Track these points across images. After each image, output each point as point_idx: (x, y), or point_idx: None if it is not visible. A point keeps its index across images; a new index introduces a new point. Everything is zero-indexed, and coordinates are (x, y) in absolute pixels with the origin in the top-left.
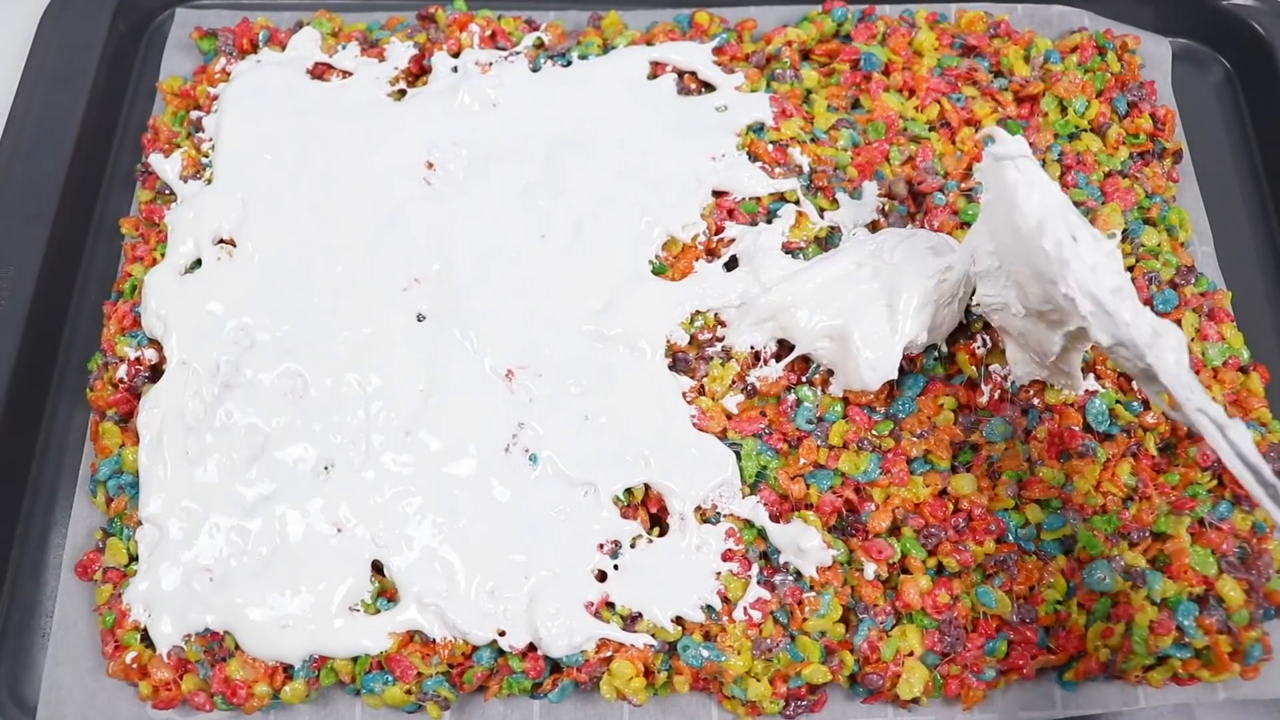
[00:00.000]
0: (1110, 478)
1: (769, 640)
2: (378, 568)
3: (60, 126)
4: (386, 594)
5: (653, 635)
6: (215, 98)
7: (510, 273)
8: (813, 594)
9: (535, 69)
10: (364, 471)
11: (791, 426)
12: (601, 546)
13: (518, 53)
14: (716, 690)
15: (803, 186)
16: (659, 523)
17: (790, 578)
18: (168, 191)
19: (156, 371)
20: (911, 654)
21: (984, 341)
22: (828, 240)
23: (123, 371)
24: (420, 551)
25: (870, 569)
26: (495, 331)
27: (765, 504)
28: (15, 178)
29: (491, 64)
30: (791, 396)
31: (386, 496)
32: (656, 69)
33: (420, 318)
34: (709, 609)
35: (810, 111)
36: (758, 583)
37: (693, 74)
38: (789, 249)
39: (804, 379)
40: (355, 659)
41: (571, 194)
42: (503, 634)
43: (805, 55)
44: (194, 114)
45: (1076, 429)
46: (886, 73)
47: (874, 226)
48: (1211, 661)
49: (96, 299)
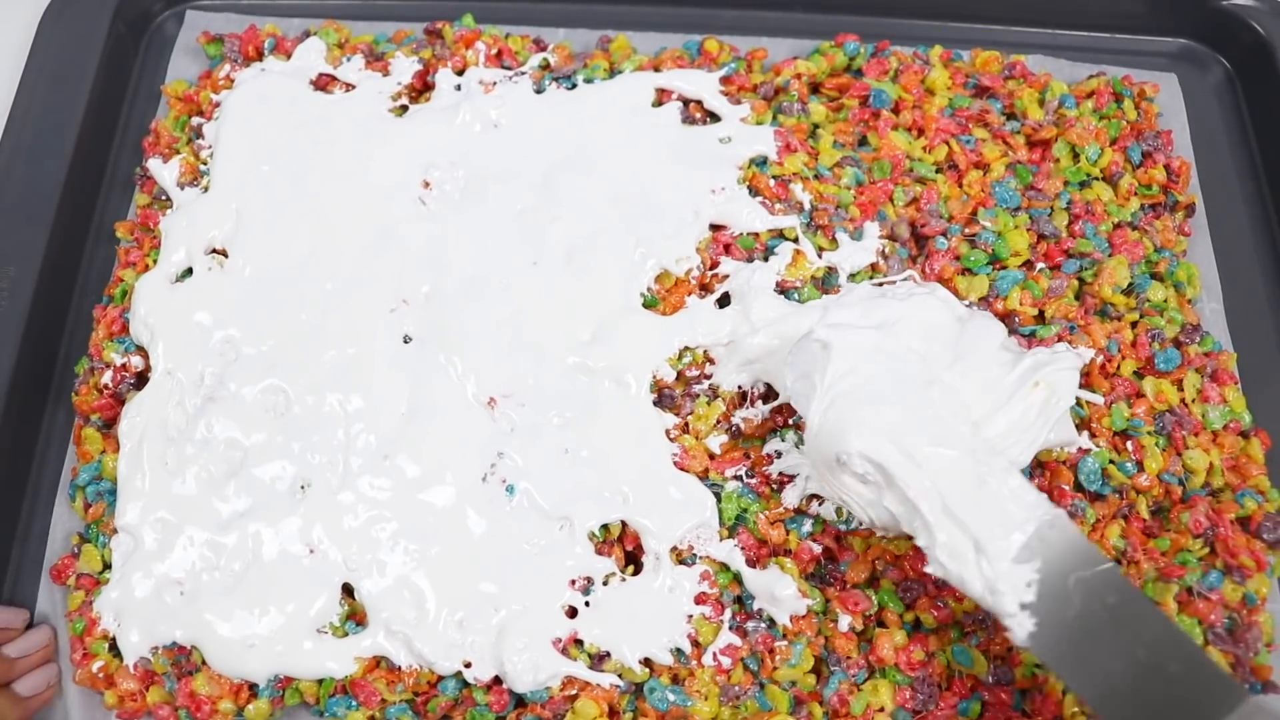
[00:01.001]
0: (1099, 539)
1: (737, 687)
2: (349, 591)
3: (60, 127)
4: (356, 618)
5: (620, 675)
6: (217, 104)
7: (500, 298)
8: (785, 643)
9: (539, 90)
10: (340, 493)
11: (775, 469)
12: (574, 582)
13: (523, 73)
14: None
15: (803, 224)
16: (634, 561)
17: (763, 624)
18: (165, 197)
19: (142, 379)
20: (882, 709)
21: None
22: (825, 281)
23: (108, 377)
24: (391, 578)
25: (845, 621)
26: (480, 358)
27: (743, 548)
28: (15, 178)
29: (495, 83)
30: (772, 444)
31: (361, 520)
32: (662, 96)
33: (407, 339)
34: (678, 652)
35: (815, 147)
36: (730, 628)
37: (698, 103)
38: (784, 288)
39: (791, 421)
40: (320, 681)
41: (566, 220)
42: (468, 665)
43: (815, 89)
44: (195, 120)
45: (1067, 487)
46: (896, 110)
47: (873, 269)
48: None
49: (96, 301)
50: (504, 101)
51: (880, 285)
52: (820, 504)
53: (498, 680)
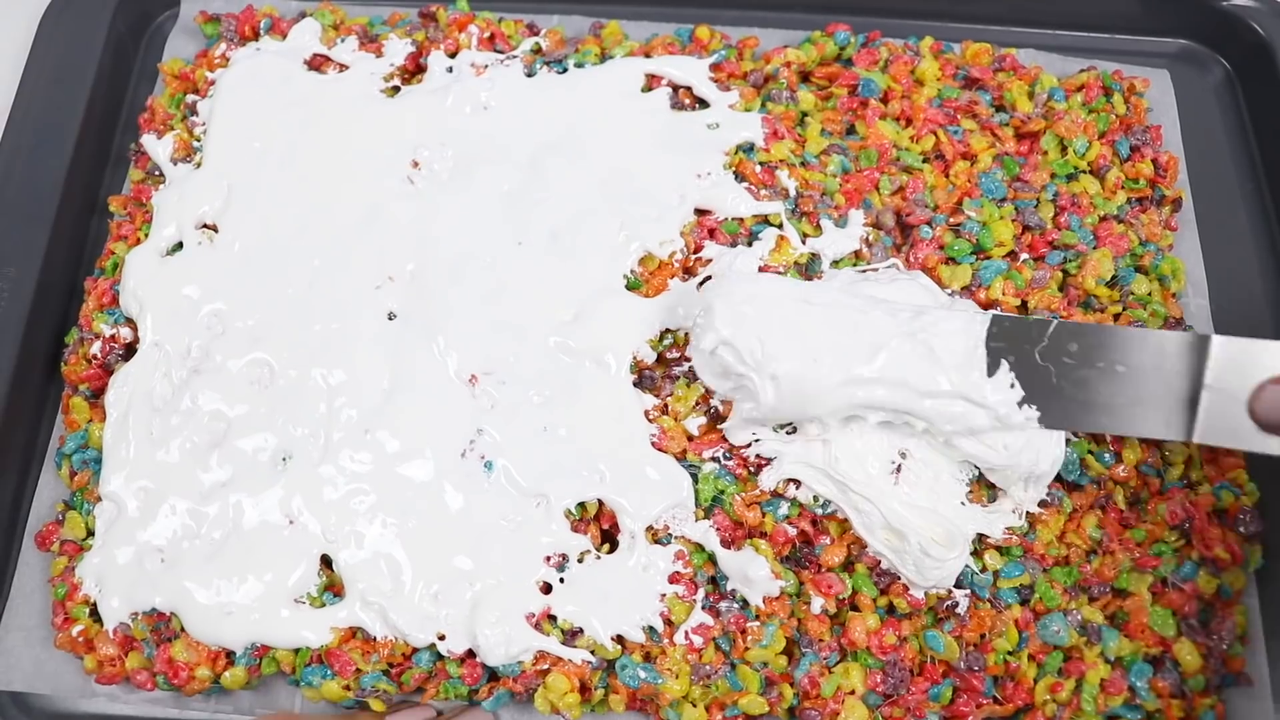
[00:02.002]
0: (1075, 529)
1: (709, 666)
2: (327, 562)
3: (60, 127)
4: (333, 589)
5: (592, 652)
6: (213, 82)
7: (483, 277)
8: (757, 623)
9: (530, 74)
10: (321, 466)
11: (752, 452)
12: (549, 559)
13: (514, 56)
14: (652, 712)
15: (788, 211)
16: (610, 539)
17: (736, 605)
18: (158, 173)
19: (130, 350)
20: (853, 692)
21: None
22: (808, 267)
23: (97, 348)
24: (369, 550)
25: (818, 603)
26: (463, 335)
27: (718, 529)
28: (15, 178)
29: (487, 66)
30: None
31: (341, 492)
32: (652, 81)
33: (391, 316)
34: (650, 630)
35: (803, 134)
36: (702, 607)
37: (688, 89)
38: (767, 272)
39: None
40: (297, 651)
41: (552, 202)
42: (442, 638)
43: (804, 77)
44: (190, 98)
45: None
46: (885, 100)
47: (857, 256)
48: None
49: None
50: (494, 84)
51: (863, 272)
52: (798, 488)
53: (471, 653)
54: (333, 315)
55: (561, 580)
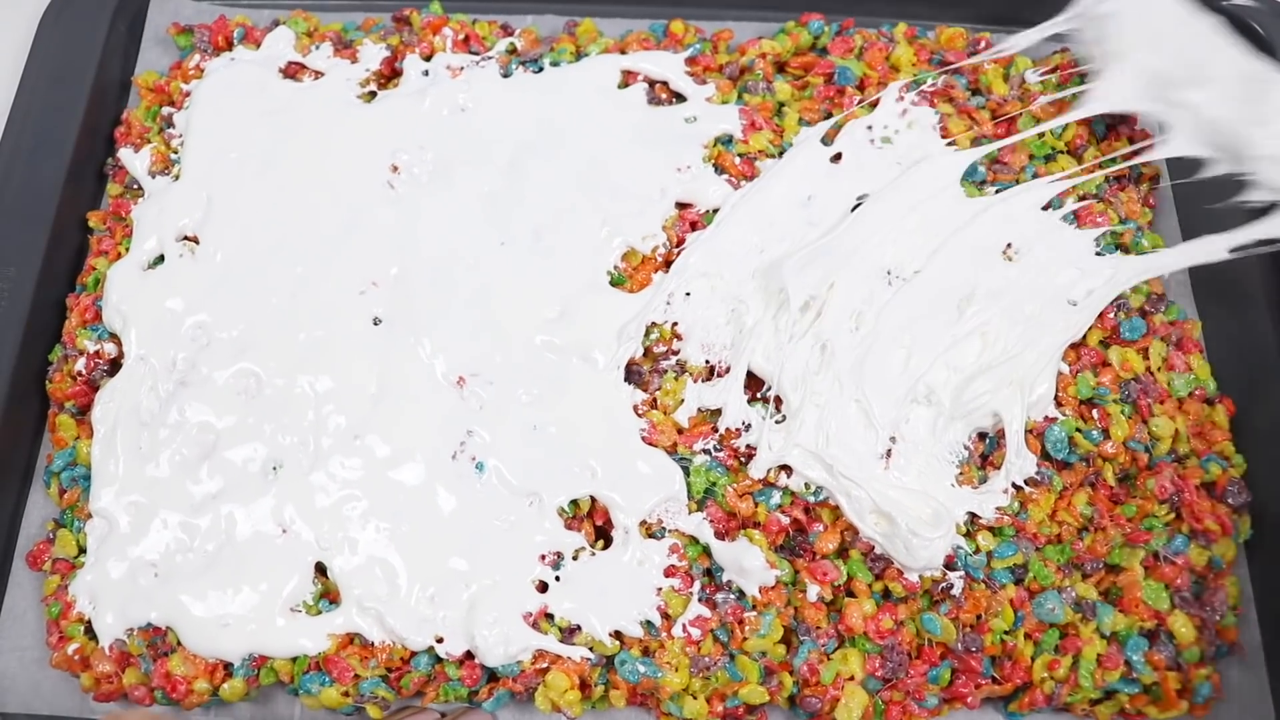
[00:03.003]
0: (1066, 507)
1: (708, 658)
2: (321, 569)
3: (60, 126)
4: (329, 596)
5: (590, 648)
6: (188, 94)
7: (467, 279)
8: (754, 613)
9: (506, 75)
10: (312, 474)
11: (743, 442)
12: (544, 557)
13: (490, 58)
14: (653, 706)
15: None
16: (604, 535)
17: (732, 596)
18: (136, 186)
19: (115, 366)
20: (852, 678)
21: None
22: None
23: (81, 364)
24: (363, 555)
25: (814, 591)
26: (448, 337)
27: (711, 521)
28: (15, 178)
29: (463, 68)
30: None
31: (333, 499)
32: (628, 78)
33: (376, 321)
34: (648, 624)
35: (781, 125)
36: (699, 600)
37: (664, 84)
38: None
39: (759, 395)
40: (294, 659)
41: (533, 201)
42: (440, 641)
43: (780, 68)
44: (166, 110)
45: (1034, 456)
46: (861, 87)
47: None
48: (1160, 698)
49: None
50: (471, 86)
51: None
52: (789, 476)
53: (469, 655)
54: (318, 322)
55: (557, 578)
